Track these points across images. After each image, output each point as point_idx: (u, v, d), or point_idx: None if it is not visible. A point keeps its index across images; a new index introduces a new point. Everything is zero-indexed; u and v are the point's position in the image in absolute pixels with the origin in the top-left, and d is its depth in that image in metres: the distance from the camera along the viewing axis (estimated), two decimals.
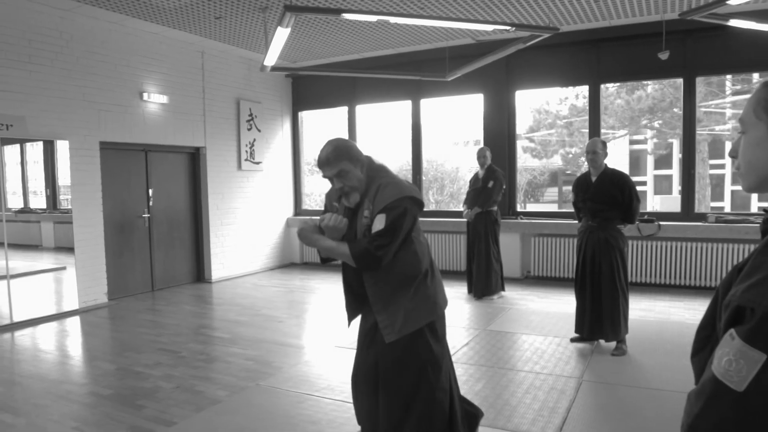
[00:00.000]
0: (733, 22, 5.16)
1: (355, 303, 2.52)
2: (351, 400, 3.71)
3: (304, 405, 3.71)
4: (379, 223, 2.26)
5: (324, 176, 2.41)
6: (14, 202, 6.56)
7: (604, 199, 4.57)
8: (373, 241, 2.25)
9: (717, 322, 1.00)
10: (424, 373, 2.35)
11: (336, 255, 2.39)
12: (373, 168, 2.45)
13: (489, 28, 5.40)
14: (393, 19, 4.81)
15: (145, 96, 7.24)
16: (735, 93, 13.34)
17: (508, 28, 4.99)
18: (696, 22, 6.01)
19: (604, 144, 4.69)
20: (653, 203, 17.97)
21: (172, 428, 3.39)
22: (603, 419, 3.41)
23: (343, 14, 4.67)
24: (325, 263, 2.59)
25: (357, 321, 2.66)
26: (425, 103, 8.85)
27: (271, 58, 6.08)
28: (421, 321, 2.35)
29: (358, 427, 2.72)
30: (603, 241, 4.59)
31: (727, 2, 4.46)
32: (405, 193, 2.30)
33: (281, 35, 5.28)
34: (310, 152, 10.50)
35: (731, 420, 0.88)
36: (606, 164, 4.67)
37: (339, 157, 2.34)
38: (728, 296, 0.96)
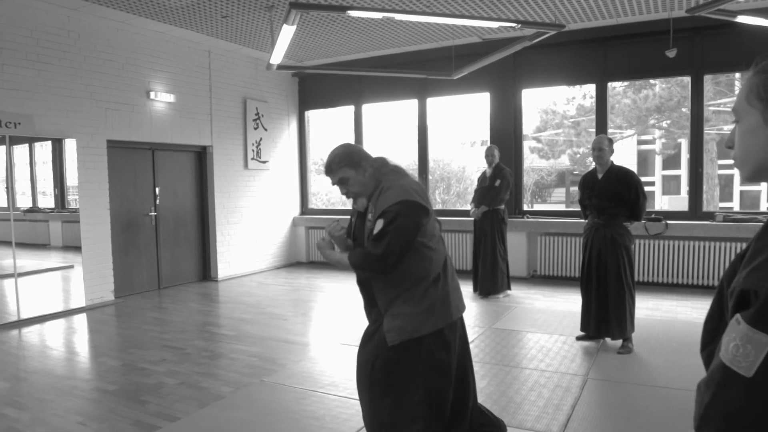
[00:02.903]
0: (741, 19, 5.11)
1: (367, 301, 2.50)
2: (355, 397, 3.72)
3: (307, 401, 3.70)
4: (377, 227, 2.26)
5: (331, 183, 2.47)
6: (23, 201, 6.61)
7: (611, 196, 4.54)
8: (371, 246, 2.25)
9: (725, 312, 0.99)
10: (420, 381, 2.29)
11: (342, 267, 2.38)
12: (384, 171, 2.42)
13: (495, 25, 5.38)
14: (398, 16, 4.80)
15: (152, 95, 7.27)
16: None
17: (513, 25, 4.98)
18: (704, 20, 5.97)
19: (610, 141, 4.66)
20: (661, 203, 17.87)
21: (176, 423, 3.40)
22: (608, 417, 3.39)
23: (349, 11, 4.66)
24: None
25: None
26: (431, 102, 8.83)
27: (277, 57, 6.09)
28: (425, 328, 2.28)
29: (362, 423, 2.70)
30: (609, 238, 4.56)
31: None
32: (403, 197, 2.26)
33: (287, 33, 5.28)
34: (317, 151, 10.51)
35: (742, 406, 0.86)
36: (612, 161, 4.64)
37: (339, 164, 2.38)
38: (733, 283, 0.95)
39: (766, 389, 0.84)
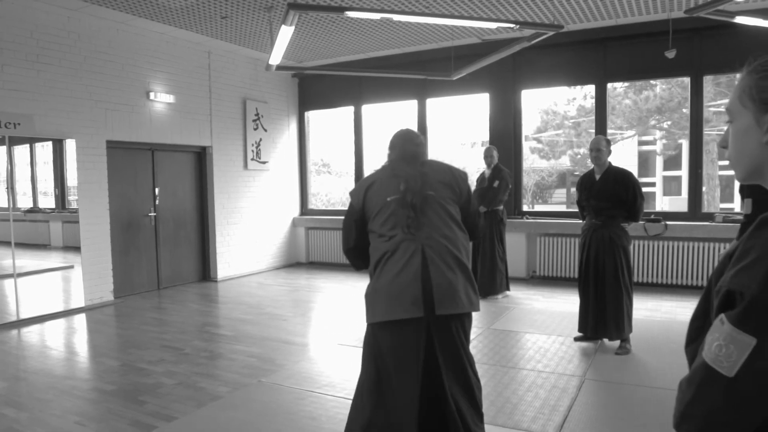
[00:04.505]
0: (739, 19, 5.11)
1: None
2: (351, 397, 3.73)
3: (305, 402, 3.71)
4: None
5: None
6: (24, 202, 6.62)
7: (608, 197, 4.55)
8: None
9: (711, 311, 0.99)
10: (371, 366, 2.39)
11: None
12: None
13: (493, 25, 5.39)
14: (396, 17, 4.81)
15: (152, 95, 7.28)
16: None
17: (512, 25, 4.98)
18: (703, 21, 5.97)
19: (608, 142, 4.67)
20: (662, 204, 17.83)
21: (173, 423, 3.40)
22: (604, 417, 3.39)
23: (347, 12, 4.67)
24: None
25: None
26: (431, 103, 8.84)
27: (276, 57, 6.10)
28: (368, 317, 2.39)
29: None
30: (607, 239, 4.56)
31: None
32: (352, 190, 2.57)
33: (285, 34, 5.29)
34: (317, 152, 10.53)
35: (722, 407, 0.87)
36: (610, 162, 4.65)
37: None
38: (719, 282, 0.96)
39: (746, 390, 0.85)
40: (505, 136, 8.07)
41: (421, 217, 2.31)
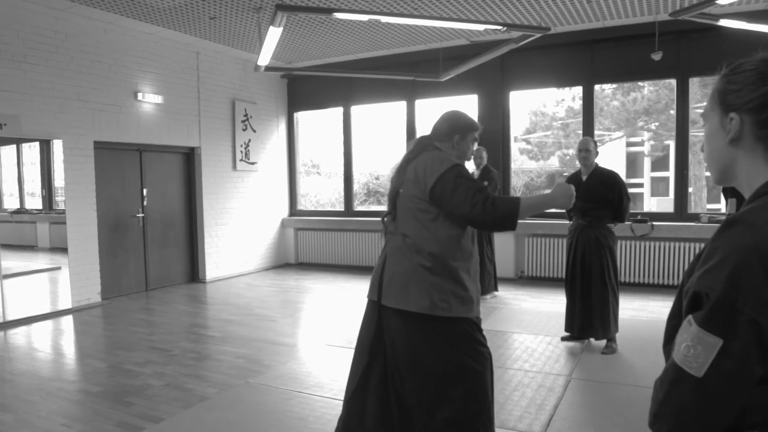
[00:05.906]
0: (723, 22, 5.18)
1: None
2: (340, 398, 3.74)
3: (292, 402, 3.71)
4: None
5: None
6: (10, 203, 6.57)
7: (595, 197, 4.59)
8: None
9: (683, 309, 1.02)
10: None
11: None
12: None
13: (480, 27, 5.43)
14: (384, 19, 4.83)
15: (140, 96, 7.25)
16: None
17: (499, 27, 5.02)
18: (689, 23, 6.03)
19: (595, 143, 4.71)
20: (650, 205, 17.96)
21: (160, 425, 3.40)
22: (590, 416, 3.42)
23: (335, 14, 4.69)
24: None
25: None
26: (420, 104, 8.86)
27: (264, 58, 6.10)
28: None
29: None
30: (593, 239, 4.60)
31: (717, 2, 4.48)
32: None
33: (274, 35, 5.30)
34: (306, 153, 10.52)
35: (692, 406, 0.89)
36: (597, 163, 4.69)
37: None
38: (688, 283, 0.98)
39: (715, 389, 0.87)
40: (494, 137, 8.11)
41: (396, 213, 2.44)
